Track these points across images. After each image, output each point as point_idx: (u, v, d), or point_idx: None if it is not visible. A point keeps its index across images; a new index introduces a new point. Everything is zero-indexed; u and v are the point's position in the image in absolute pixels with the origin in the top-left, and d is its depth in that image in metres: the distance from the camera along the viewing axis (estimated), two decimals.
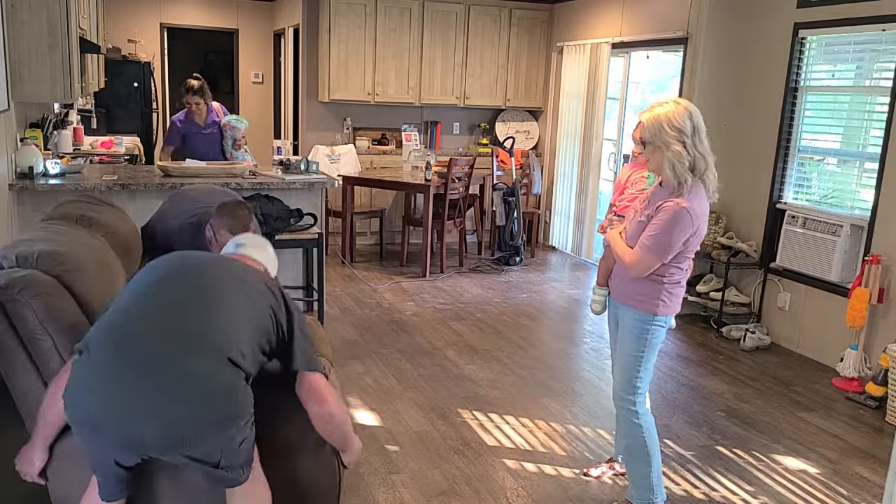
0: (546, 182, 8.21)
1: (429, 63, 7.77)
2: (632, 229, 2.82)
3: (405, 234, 7.12)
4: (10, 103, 4.23)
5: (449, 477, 3.21)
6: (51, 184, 4.39)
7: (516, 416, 3.85)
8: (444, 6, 7.72)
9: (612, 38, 6.91)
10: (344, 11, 7.44)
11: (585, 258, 7.52)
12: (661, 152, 2.70)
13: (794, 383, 4.54)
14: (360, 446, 2.49)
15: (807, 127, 5.18)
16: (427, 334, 5.07)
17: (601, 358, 4.81)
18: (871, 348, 4.50)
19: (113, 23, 8.77)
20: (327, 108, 7.94)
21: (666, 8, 6.20)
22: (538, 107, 8.32)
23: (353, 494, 3.05)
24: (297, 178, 5.03)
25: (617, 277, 2.96)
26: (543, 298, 6.09)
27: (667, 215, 2.67)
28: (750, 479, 3.35)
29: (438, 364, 4.54)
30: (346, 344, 4.80)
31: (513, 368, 4.53)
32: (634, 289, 2.84)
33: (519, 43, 8.03)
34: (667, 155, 2.67)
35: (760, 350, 5.10)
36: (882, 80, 4.62)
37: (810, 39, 5.09)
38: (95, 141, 6.75)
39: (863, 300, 4.39)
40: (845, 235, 4.68)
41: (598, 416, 3.93)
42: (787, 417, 4.04)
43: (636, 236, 2.77)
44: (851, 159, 4.96)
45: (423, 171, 6.66)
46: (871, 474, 3.45)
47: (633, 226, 2.82)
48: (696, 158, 2.68)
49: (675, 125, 2.68)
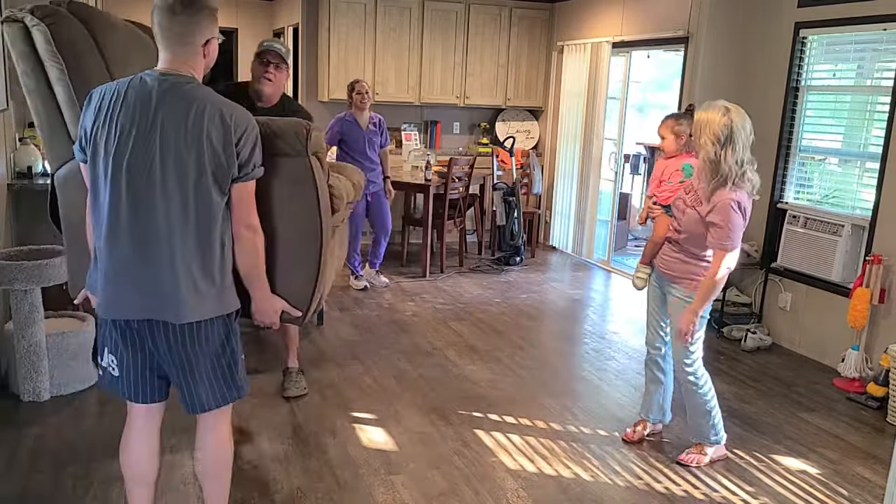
0: (546, 182, 8.20)
1: (429, 62, 7.75)
2: (687, 221, 3.22)
3: (405, 234, 7.11)
4: (8, 103, 4.22)
5: (449, 477, 3.20)
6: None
7: (516, 417, 3.84)
8: (444, 5, 7.70)
9: (613, 37, 6.89)
10: (344, 11, 7.43)
11: (586, 258, 7.51)
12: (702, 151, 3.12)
13: (796, 384, 4.53)
14: (275, 305, 2.48)
15: (808, 126, 5.17)
16: (427, 334, 5.06)
17: (601, 358, 4.80)
18: (873, 349, 4.48)
19: None
20: (327, 107, 7.92)
21: (667, 7, 6.19)
22: (538, 106, 8.31)
23: (353, 494, 3.04)
24: None
25: (669, 258, 3.36)
26: (544, 298, 6.08)
27: (724, 211, 3.05)
28: (751, 480, 3.34)
29: (438, 364, 4.52)
30: (346, 344, 4.78)
31: (513, 368, 4.52)
32: (688, 269, 3.27)
33: (519, 42, 8.02)
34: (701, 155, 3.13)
35: (761, 350, 5.09)
36: (883, 79, 4.61)
37: (811, 39, 5.08)
38: None
39: (864, 300, 4.38)
40: (846, 235, 4.66)
41: (599, 415, 3.92)
42: (788, 418, 4.02)
43: (691, 225, 3.20)
44: (852, 159, 4.95)
45: (423, 171, 6.65)
46: (872, 475, 3.44)
47: (688, 217, 3.22)
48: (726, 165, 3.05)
49: (713, 131, 3.07)
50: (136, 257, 2.12)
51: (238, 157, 2.13)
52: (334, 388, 4.08)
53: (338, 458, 3.32)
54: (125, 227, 2.11)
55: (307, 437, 3.50)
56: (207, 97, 2.13)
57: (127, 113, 2.10)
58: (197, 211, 2.12)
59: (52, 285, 3.72)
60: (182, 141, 2.08)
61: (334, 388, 4.08)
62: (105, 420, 3.56)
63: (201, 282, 2.16)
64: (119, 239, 2.13)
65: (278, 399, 3.89)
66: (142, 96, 2.10)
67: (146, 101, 2.09)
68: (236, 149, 2.12)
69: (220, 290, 2.22)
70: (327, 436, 3.52)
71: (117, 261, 2.14)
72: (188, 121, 2.08)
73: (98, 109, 2.14)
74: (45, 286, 3.67)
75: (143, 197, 2.10)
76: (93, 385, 3.93)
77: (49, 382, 3.72)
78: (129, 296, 2.15)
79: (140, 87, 2.11)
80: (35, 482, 2.98)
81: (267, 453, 3.33)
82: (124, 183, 2.10)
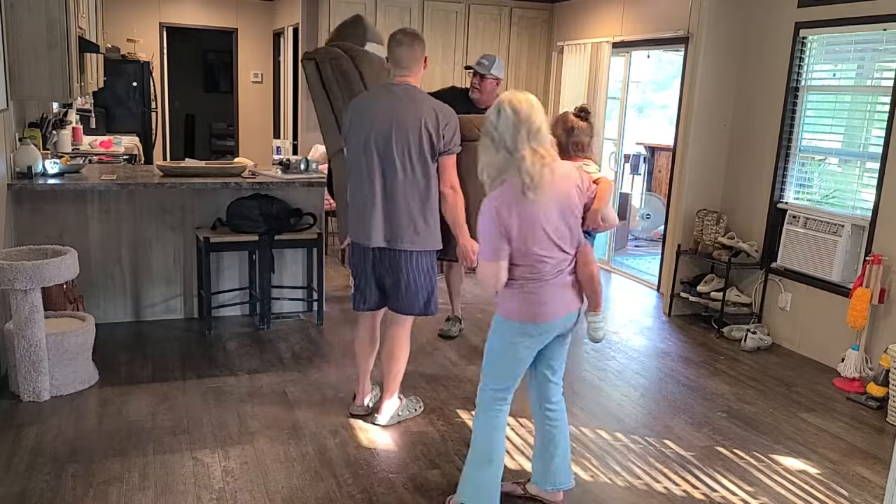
0: None
1: (429, 62, 7.75)
2: None
3: None
4: (8, 103, 4.22)
5: (449, 477, 3.20)
6: (50, 183, 4.38)
7: (516, 417, 3.83)
8: (444, 6, 7.70)
9: (613, 37, 6.89)
10: (343, 11, 7.41)
11: None
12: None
13: (795, 384, 4.53)
14: (469, 245, 3.36)
15: (808, 126, 5.16)
16: (427, 334, 5.05)
17: (601, 358, 4.80)
18: (872, 349, 4.48)
19: (112, 22, 8.76)
20: None
21: (667, 7, 6.19)
22: None
23: (353, 494, 3.04)
24: (297, 178, 5.01)
25: None
26: None
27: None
28: (751, 480, 3.33)
29: (438, 364, 4.52)
30: (346, 344, 4.78)
31: None
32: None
33: (519, 42, 8.02)
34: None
35: (761, 350, 5.09)
36: (883, 79, 4.61)
37: (811, 39, 5.08)
38: (94, 140, 6.74)
39: (864, 300, 4.38)
40: (846, 235, 4.66)
41: (598, 416, 3.92)
42: (788, 418, 4.02)
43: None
44: (853, 159, 4.94)
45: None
46: (871, 475, 3.44)
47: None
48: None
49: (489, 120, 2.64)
50: (382, 206, 3.26)
51: (444, 138, 3.25)
52: (334, 388, 4.08)
53: (338, 458, 3.32)
54: (376, 187, 3.26)
55: (307, 437, 3.50)
56: (426, 99, 3.31)
57: (378, 109, 3.26)
58: (416, 175, 3.25)
59: (51, 285, 3.72)
60: (410, 127, 3.21)
61: (334, 388, 4.08)
62: (105, 420, 3.56)
63: (420, 224, 3.29)
64: (371, 195, 3.27)
65: (278, 399, 3.90)
66: (387, 98, 3.28)
67: (389, 102, 3.26)
68: (442, 132, 3.24)
69: (431, 232, 3.33)
70: (327, 436, 3.52)
71: (370, 209, 3.28)
72: (413, 114, 3.22)
73: (356, 111, 3.33)
74: (45, 286, 3.67)
75: (386, 166, 3.25)
76: (93, 385, 3.93)
77: (49, 382, 3.72)
78: (376, 231, 3.28)
79: (386, 93, 3.31)
80: (35, 482, 2.98)
81: (267, 453, 3.33)
82: (375, 157, 3.26)
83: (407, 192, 3.25)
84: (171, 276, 5.00)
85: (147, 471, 3.12)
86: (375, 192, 3.26)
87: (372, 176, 3.26)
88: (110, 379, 4.03)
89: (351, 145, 3.34)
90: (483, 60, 4.82)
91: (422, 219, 3.29)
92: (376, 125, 3.23)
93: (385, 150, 3.22)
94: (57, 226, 4.61)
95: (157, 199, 4.86)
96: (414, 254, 3.32)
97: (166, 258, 4.96)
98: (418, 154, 3.22)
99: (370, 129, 3.24)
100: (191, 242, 4.97)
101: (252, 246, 4.80)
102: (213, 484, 3.05)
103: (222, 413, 3.70)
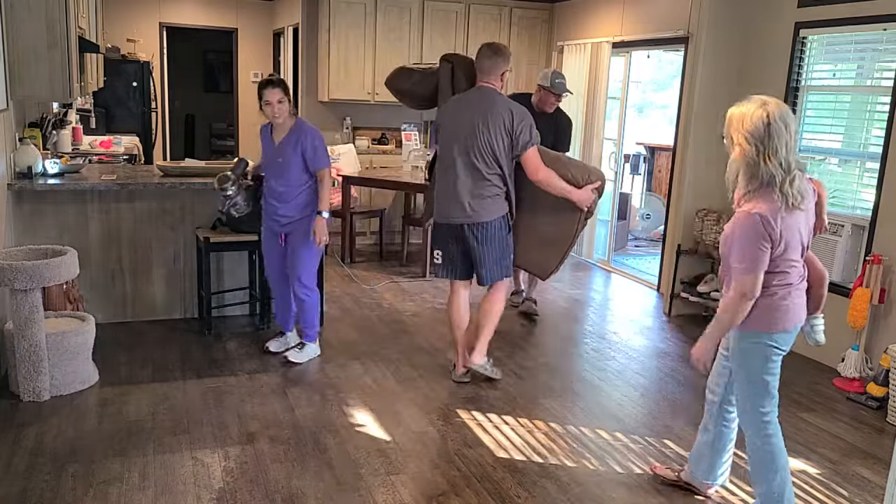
0: None
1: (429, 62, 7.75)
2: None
3: (405, 234, 7.12)
4: (8, 103, 4.22)
5: (449, 477, 3.20)
6: (50, 183, 4.38)
7: (516, 417, 3.84)
8: (444, 5, 7.71)
9: (613, 37, 6.89)
10: (343, 11, 7.43)
11: (586, 258, 7.51)
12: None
13: (795, 384, 4.53)
14: (584, 195, 3.98)
15: (808, 127, 5.16)
16: (427, 334, 5.06)
17: (601, 358, 4.80)
18: (872, 349, 4.48)
19: (112, 22, 8.76)
20: (327, 107, 7.93)
21: (667, 7, 6.19)
22: None
23: (353, 494, 3.04)
24: None
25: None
26: (543, 298, 6.07)
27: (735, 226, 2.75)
28: None
29: (439, 364, 4.53)
30: (345, 344, 4.78)
31: (513, 368, 4.52)
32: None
33: (519, 42, 8.02)
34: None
35: None
36: (883, 79, 4.61)
37: (811, 39, 5.08)
38: (94, 140, 6.74)
39: (864, 300, 4.38)
40: (846, 235, 4.66)
41: (598, 416, 3.92)
42: (788, 418, 4.02)
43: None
44: (852, 159, 4.94)
45: (423, 171, 6.65)
46: (871, 475, 3.44)
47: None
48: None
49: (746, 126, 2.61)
50: (461, 190, 3.90)
51: (520, 134, 3.85)
52: (334, 388, 4.08)
53: (338, 458, 3.32)
54: (460, 175, 3.90)
55: (307, 437, 3.50)
56: (504, 101, 3.94)
57: (466, 109, 3.92)
58: (486, 162, 3.86)
59: (51, 285, 3.72)
60: (490, 124, 3.83)
61: (334, 388, 4.08)
62: (105, 420, 3.56)
63: (487, 200, 3.91)
64: (455, 181, 3.91)
65: (279, 399, 3.90)
66: (473, 99, 3.95)
67: (474, 102, 3.93)
68: (517, 129, 3.84)
69: (495, 202, 3.94)
70: (327, 436, 3.53)
71: (453, 192, 3.93)
72: (493, 113, 3.84)
73: (446, 111, 4.05)
74: (45, 286, 3.67)
75: (469, 157, 3.87)
76: (93, 385, 3.93)
77: (49, 382, 3.72)
78: (457, 211, 3.94)
79: (473, 95, 3.97)
80: (35, 482, 2.98)
81: (267, 453, 3.33)
82: (461, 149, 3.89)
83: (474, 175, 3.89)
84: (170, 276, 5.00)
85: (147, 471, 3.12)
86: (459, 179, 3.90)
87: (456, 167, 3.90)
88: (110, 379, 4.04)
89: (441, 139, 4.02)
90: (562, 81, 5.23)
91: (488, 194, 3.90)
92: (458, 120, 3.92)
93: (469, 144, 3.86)
94: (57, 226, 4.61)
95: (158, 199, 4.86)
96: (483, 225, 3.92)
97: (166, 258, 4.96)
98: (497, 148, 3.84)
99: (457, 125, 3.92)
100: (191, 242, 4.97)
101: (252, 246, 4.80)
102: (213, 484, 3.05)
103: (222, 413, 3.70)
